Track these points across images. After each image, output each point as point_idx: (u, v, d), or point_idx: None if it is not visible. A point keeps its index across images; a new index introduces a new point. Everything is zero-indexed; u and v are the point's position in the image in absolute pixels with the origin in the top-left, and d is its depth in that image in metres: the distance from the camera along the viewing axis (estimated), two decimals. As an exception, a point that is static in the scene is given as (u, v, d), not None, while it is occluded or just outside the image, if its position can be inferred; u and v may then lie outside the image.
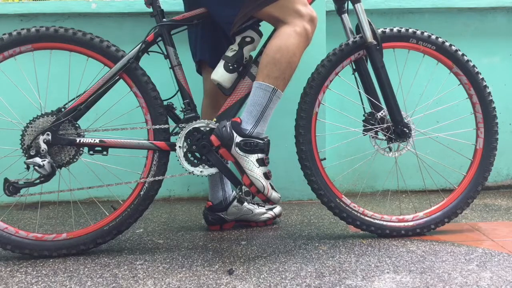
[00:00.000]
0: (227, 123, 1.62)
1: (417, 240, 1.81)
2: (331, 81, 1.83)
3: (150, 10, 1.77)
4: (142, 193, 1.74)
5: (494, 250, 1.70)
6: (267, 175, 1.62)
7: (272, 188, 1.63)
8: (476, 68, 1.84)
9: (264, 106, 1.61)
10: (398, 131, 1.81)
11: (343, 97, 2.04)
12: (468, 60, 1.83)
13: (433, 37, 1.82)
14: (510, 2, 2.57)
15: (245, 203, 2.03)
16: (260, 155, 1.61)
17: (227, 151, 1.61)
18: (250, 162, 1.60)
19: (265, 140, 1.63)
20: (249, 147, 1.60)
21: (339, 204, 1.83)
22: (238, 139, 1.60)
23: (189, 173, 1.72)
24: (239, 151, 1.60)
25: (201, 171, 1.72)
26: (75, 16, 2.51)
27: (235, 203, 2.01)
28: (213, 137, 1.63)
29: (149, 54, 1.75)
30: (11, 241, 1.67)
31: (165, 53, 1.75)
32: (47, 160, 1.63)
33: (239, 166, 1.62)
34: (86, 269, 1.59)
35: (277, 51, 1.61)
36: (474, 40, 2.62)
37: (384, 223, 1.85)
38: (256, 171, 1.60)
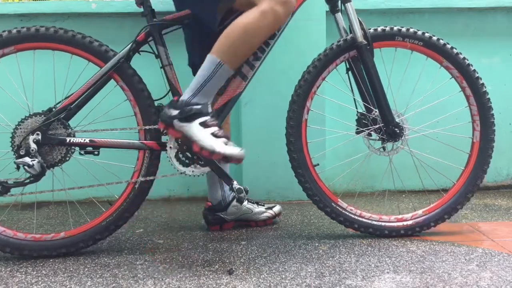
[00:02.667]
0: (166, 105, 1.62)
1: (417, 240, 1.81)
2: (318, 87, 1.82)
3: None
4: (136, 186, 1.74)
5: (494, 250, 1.70)
6: (215, 135, 1.55)
7: (227, 144, 1.54)
8: (467, 60, 1.82)
9: (206, 78, 1.57)
10: (389, 131, 1.80)
11: (337, 101, 2.04)
12: (458, 53, 1.82)
13: (419, 32, 1.81)
14: (510, 2, 2.57)
15: (245, 202, 2.02)
16: (202, 119, 1.56)
17: (172, 129, 1.59)
18: (193, 127, 1.55)
19: (203, 103, 1.58)
20: (185, 114, 1.56)
21: (335, 208, 1.83)
22: (174, 112, 1.57)
23: (181, 173, 1.71)
24: (179, 123, 1.57)
25: (192, 171, 1.71)
26: (75, 16, 2.50)
27: (234, 202, 2.01)
28: (159, 124, 1.64)
29: (140, 54, 1.75)
30: (10, 243, 1.67)
31: (156, 53, 1.75)
32: (37, 160, 1.63)
33: (186, 138, 1.57)
34: (86, 269, 1.59)
35: (233, 28, 1.57)
36: (474, 40, 2.62)
37: (383, 223, 1.85)
38: (201, 134, 1.54)
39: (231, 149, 1.53)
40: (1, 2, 3.46)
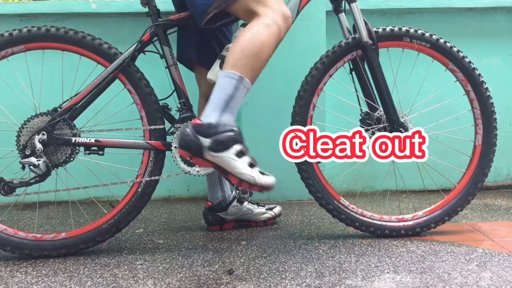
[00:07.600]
0: (188, 129, 1.43)
1: (417, 240, 1.81)
2: (325, 84, 1.82)
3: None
4: (139, 190, 1.74)
5: (494, 250, 1.70)
6: (251, 164, 1.45)
7: (262, 173, 1.45)
8: (473, 64, 1.83)
9: (228, 95, 1.44)
10: (394, 131, 1.80)
11: (341, 98, 2.04)
12: (464, 57, 1.82)
13: (427, 34, 1.81)
14: (510, 2, 2.57)
15: (245, 203, 2.02)
16: (237, 147, 1.43)
17: (201, 159, 1.43)
18: (229, 159, 1.42)
19: (235, 129, 1.45)
20: (221, 145, 1.41)
21: (337, 206, 1.83)
22: (205, 142, 1.41)
23: (186, 173, 1.72)
24: (213, 153, 1.41)
25: (197, 171, 1.72)
26: (75, 16, 2.51)
27: (234, 203, 2.01)
28: (180, 151, 1.45)
29: (145, 54, 1.75)
30: (11, 242, 1.67)
31: (161, 53, 1.75)
32: (42, 159, 1.63)
33: (220, 168, 1.45)
34: (86, 269, 1.59)
35: (245, 40, 1.51)
36: (474, 40, 2.62)
37: (384, 223, 1.85)
38: (238, 165, 1.42)
39: (267, 179, 1.45)
40: (1, 2, 3.46)
